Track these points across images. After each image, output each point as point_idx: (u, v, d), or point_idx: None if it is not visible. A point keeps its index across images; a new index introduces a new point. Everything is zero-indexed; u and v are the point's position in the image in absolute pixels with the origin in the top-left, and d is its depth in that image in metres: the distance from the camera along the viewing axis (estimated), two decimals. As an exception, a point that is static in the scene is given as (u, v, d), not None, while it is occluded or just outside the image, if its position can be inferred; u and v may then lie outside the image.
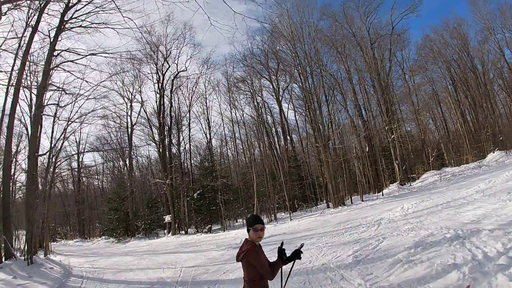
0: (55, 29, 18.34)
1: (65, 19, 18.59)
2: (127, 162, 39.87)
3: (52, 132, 23.21)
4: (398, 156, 31.21)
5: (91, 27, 19.48)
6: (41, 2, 16.74)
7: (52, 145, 22.38)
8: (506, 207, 9.40)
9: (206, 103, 38.36)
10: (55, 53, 18.67)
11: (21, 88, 17.53)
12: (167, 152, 34.39)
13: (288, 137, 40.07)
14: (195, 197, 32.40)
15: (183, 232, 31.07)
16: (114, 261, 15.76)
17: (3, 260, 12.92)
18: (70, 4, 18.50)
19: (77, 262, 16.25)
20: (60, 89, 19.72)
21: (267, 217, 29.09)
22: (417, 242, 7.76)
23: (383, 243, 8.88)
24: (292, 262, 3.63)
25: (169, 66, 35.90)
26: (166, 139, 34.60)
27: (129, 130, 37.22)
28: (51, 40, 18.29)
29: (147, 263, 13.83)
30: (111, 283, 10.25)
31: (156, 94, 35.22)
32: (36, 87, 18.57)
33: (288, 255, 3.61)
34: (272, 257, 3.61)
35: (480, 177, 19.67)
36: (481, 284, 4.94)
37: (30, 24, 17.15)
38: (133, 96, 36.56)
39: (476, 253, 6.12)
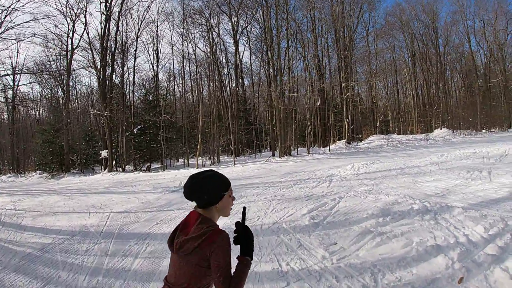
0: None
1: None
2: (65, 90, 35.69)
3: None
4: (349, 114, 31.04)
5: None
6: None
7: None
8: (470, 185, 8.94)
9: (157, 32, 35.36)
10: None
11: None
12: (107, 81, 30.88)
13: (240, 80, 38.23)
14: (135, 132, 30.02)
15: (120, 169, 28.96)
16: (40, 201, 13.68)
17: None
18: None
19: (1, 202, 14.04)
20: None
21: (209, 159, 27.94)
22: (382, 210, 6.83)
23: (341, 204, 7.93)
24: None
25: (120, -15, 31.18)
26: (109, 67, 31.10)
27: (69, 54, 32.72)
28: None
29: (74, 204, 12.01)
30: (28, 230, 8.47)
31: (101, 15, 30.62)
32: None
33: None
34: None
35: (429, 149, 19.92)
36: (476, 277, 3.99)
37: None
38: (76, 16, 31.66)
39: (457, 234, 5.27)
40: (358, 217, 6.67)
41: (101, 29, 30.27)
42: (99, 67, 30.21)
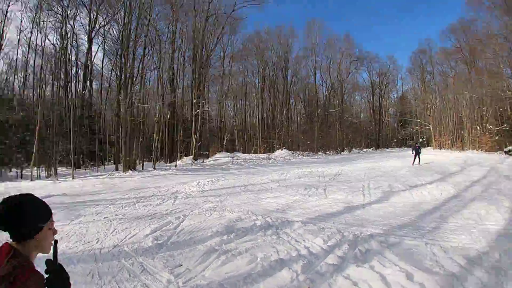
0: None
1: None
2: None
3: None
4: (198, 131, 31.22)
5: None
6: None
7: None
8: (308, 201, 9.80)
9: (6, 13, 29.41)
10: None
11: None
12: None
13: (89, 83, 34.65)
14: (-44, 132, 23.98)
15: None
16: None
17: None
18: None
19: None
20: None
21: (45, 170, 24.24)
22: (227, 227, 6.82)
23: (185, 222, 7.62)
24: None
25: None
26: None
27: None
28: None
29: None
30: None
31: None
32: None
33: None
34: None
35: (271, 168, 21.27)
36: (320, 287, 4.19)
37: None
38: None
39: (298, 247, 5.56)
40: (203, 236, 6.48)
41: None
42: None
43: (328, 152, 40.99)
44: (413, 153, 20.11)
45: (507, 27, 26.90)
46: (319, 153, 38.98)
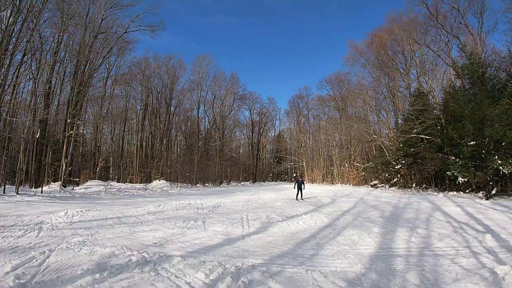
0: None
1: None
2: None
3: None
4: (69, 155, 28.55)
5: None
6: None
7: None
8: (187, 234, 9.61)
9: None
10: None
11: None
12: None
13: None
14: None
15: None
16: None
17: None
18: None
19: None
20: None
21: None
22: (99, 264, 6.22)
23: (51, 258, 6.73)
24: None
25: None
26: None
27: None
28: None
29: None
30: None
31: None
32: None
33: None
34: None
35: (147, 199, 20.54)
36: None
37: None
38: None
39: (179, 283, 5.38)
40: (72, 274, 5.80)
41: None
42: None
43: (207, 184, 41.38)
44: (295, 188, 20.65)
45: (376, 81, 31.68)
46: (197, 185, 39.02)
